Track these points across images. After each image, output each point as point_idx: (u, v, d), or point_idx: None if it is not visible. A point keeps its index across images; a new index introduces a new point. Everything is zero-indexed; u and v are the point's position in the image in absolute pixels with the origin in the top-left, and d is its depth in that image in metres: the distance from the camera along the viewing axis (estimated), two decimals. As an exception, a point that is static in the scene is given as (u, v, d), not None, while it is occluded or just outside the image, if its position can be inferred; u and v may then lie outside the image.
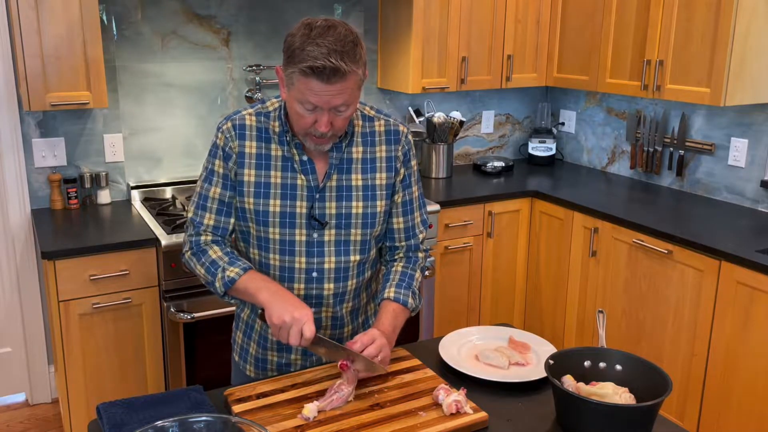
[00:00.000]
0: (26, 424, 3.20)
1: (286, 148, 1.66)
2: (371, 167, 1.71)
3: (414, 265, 1.81)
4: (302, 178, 1.66)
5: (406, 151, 1.76)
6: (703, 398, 2.79)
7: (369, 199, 1.70)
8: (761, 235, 2.83)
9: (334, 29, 1.50)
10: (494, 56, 3.66)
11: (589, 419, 1.42)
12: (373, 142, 1.72)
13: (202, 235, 1.71)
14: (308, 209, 1.66)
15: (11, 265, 3.19)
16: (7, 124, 3.02)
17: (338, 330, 1.79)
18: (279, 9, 3.42)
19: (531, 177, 3.82)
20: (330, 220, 1.68)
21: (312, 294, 1.71)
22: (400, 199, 1.76)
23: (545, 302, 3.56)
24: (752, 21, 2.84)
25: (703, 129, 3.37)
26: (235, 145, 1.66)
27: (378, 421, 1.47)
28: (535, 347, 1.80)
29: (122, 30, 3.13)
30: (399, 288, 1.73)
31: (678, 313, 2.86)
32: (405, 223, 1.79)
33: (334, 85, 1.49)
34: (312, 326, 1.51)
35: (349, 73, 1.50)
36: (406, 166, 1.76)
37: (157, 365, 2.86)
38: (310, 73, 1.47)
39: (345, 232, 1.69)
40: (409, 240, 1.81)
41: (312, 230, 1.67)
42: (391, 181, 1.73)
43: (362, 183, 1.70)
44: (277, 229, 1.67)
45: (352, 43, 1.50)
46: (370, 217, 1.71)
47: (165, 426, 1.24)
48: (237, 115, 1.70)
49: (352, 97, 1.55)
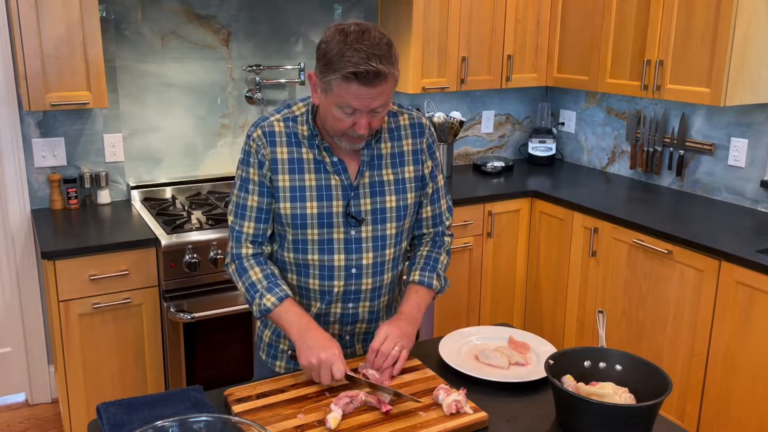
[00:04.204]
0: (26, 424, 3.20)
1: (317, 152, 1.70)
2: (400, 161, 1.76)
3: (439, 248, 1.87)
4: (336, 178, 1.71)
5: (431, 143, 1.81)
6: (703, 398, 2.79)
7: (401, 192, 1.76)
8: (761, 235, 2.83)
9: (369, 33, 1.53)
10: (494, 56, 3.66)
11: (589, 419, 1.42)
12: (399, 137, 1.77)
13: (243, 247, 1.76)
14: (344, 207, 1.71)
15: (11, 265, 3.19)
16: (7, 124, 3.02)
17: (374, 324, 1.84)
18: (279, 9, 3.42)
19: (531, 177, 3.82)
20: (366, 216, 1.73)
21: (351, 290, 1.76)
22: (430, 189, 1.82)
23: (545, 302, 3.56)
24: (752, 21, 2.84)
25: (703, 129, 3.37)
26: (268, 152, 1.69)
27: (378, 421, 1.47)
28: (535, 347, 1.80)
29: (122, 30, 3.13)
30: (424, 271, 1.81)
31: (678, 313, 2.86)
32: (433, 212, 1.85)
33: (375, 87, 1.53)
34: (341, 366, 1.57)
35: (389, 75, 1.54)
36: (432, 157, 1.81)
37: (157, 365, 2.86)
38: (353, 78, 1.51)
39: (381, 227, 1.74)
40: (437, 227, 1.88)
41: (349, 227, 1.72)
42: (419, 174, 1.79)
43: (393, 177, 1.75)
44: (315, 230, 1.71)
45: (387, 45, 1.54)
46: (402, 210, 1.76)
47: (165, 426, 1.24)
48: (265, 122, 1.72)
49: (389, 98, 1.60)
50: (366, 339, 1.85)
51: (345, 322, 1.80)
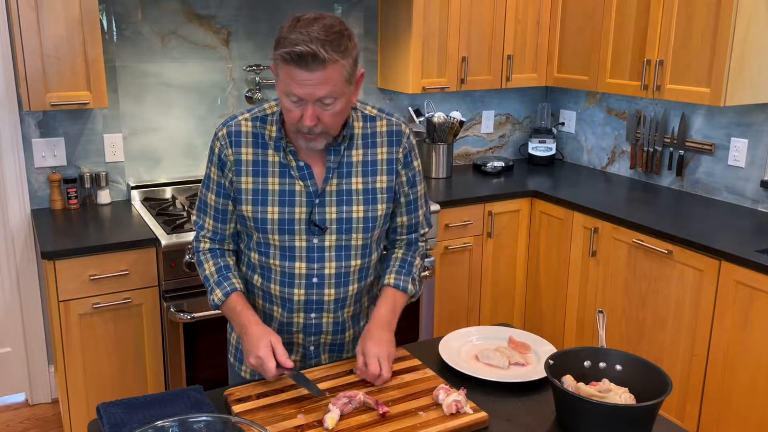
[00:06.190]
0: (26, 424, 3.20)
1: (282, 155, 1.64)
2: (372, 170, 1.68)
3: (414, 252, 1.82)
4: (300, 183, 1.64)
5: (407, 152, 1.72)
6: (703, 398, 2.79)
7: (370, 203, 1.68)
8: (761, 235, 2.83)
9: (322, 20, 1.48)
10: (494, 56, 3.66)
11: (589, 419, 1.42)
12: (374, 144, 1.68)
13: (201, 242, 1.76)
14: (308, 215, 1.64)
15: (11, 265, 3.19)
16: (7, 124, 3.02)
17: (339, 335, 1.77)
18: (279, 9, 3.42)
19: (531, 177, 3.82)
20: (330, 225, 1.65)
21: (313, 299, 1.70)
22: (404, 198, 1.75)
23: (545, 302, 3.56)
24: (752, 21, 2.84)
25: (703, 129, 3.37)
26: (230, 152, 1.65)
27: (378, 421, 1.47)
28: (535, 347, 1.80)
29: (122, 30, 3.13)
30: (399, 274, 1.76)
31: (678, 313, 2.86)
32: (409, 221, 1.80)
33: (315, 73, 1.45)
34: (270, 367, 1.54)
35: (330, 62, 1.45)
36: (409, 167, 1.73)
37: (157, 365, 2.86)
38: (290, 59, 1.45)
39: (346, 237, 1.67)
40: (411, 234, 1.82)
41: (312, 236, 1.65)
42: (392, 184, 1.70)
43: (362, 186, 1.67)
44: (276, 235, 1.65)
45: (338, 33, 1.47)
46: (371, 221, 1.68)
47: (165, 426, 1.25)
48: (233, 121, 1.67)
49: (338, 90, 1.50)
50: (333, 350, 1.79)
51: (308, 332, 1.74)
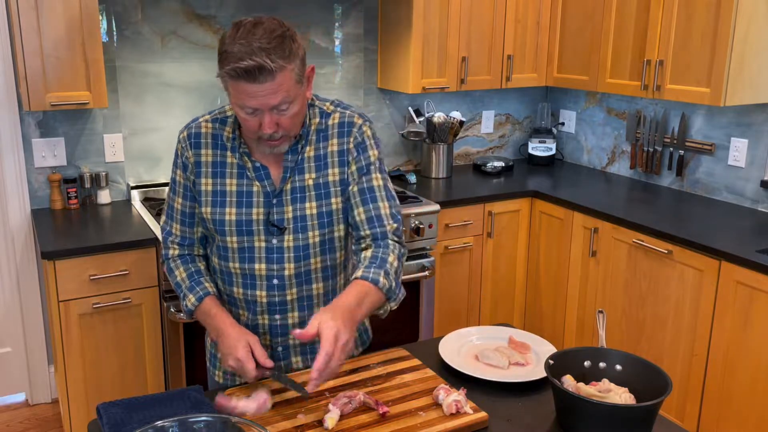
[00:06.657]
0: (26, 424, 3.20)
1: (237, 156, 1.63)
2: (324, 164, 1.64)
3: (385, 249, 1.63)
4: (257, 184, 1.62)
5: (359, 142, 1.65)
6: (703, 398, 2.79)
7: (323, 198, 1.64)
8: (761, 235, 2.83)
9: (261, 26, 1.43)
10: (494, 56, 3.66)
11: (589, 419, 1.42)
12: (325, 137, 1.65)
13: (170, 248, 1.73)
14: (265, 215, 1.62)
15: (11, 265, 3.19)
16: (7, 124, 3.02)
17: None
18: (279, 9, 3.42)
19: (531, 177, 3.82)
20: (288, 225, 1.63)
21: (275, 301, 1.68)
22: (356, 187, 1.65)
23: (545, 302, 3.56)
24: (752, 21, 2.84)
25: (703, 129, 3.37)
26: (191, 154, 1.65)
27: (378, 421, 1.47)
28: (535, 347, 1.80)
29: (122, 30, 3.13)
30: (369, 268, 1.58)
31: (678, 313, 2.86)
32: (366, 213, 1.65)
33: (264, 84, 1.43)
34: (250, 369, 1.50)
35: (279, 70, 1.42)
36: (362, 156, 1.65)
37: (157, 365, 2.86)
38: (236, 75, 1.42)
39: (303, 236, 1.63)
40: (374, 229, 1.64)
41: (271, 236, 1.63)
42: (344, 176, 1.65)
43: (314, 182, 1.63)
44: (234, 237, 1.64)
45: (279, 37, 1.43)
46: (326, 216, 1.64)
47: (165, 426, 1.24)
48: (194, 123, 1.67)
49: (291, 94, 1.48)
50: (304, 352, 1.75)
51: (275, 333, 1.71)
